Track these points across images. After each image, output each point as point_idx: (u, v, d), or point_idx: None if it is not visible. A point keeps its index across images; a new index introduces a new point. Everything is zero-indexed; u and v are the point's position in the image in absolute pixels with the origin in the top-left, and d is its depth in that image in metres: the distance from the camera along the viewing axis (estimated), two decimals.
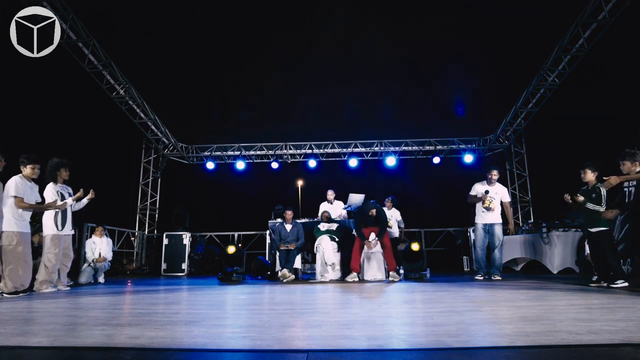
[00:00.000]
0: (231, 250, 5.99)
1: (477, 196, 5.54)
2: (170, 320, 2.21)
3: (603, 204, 3.97)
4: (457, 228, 9.33)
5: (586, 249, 5.13)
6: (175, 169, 11.02)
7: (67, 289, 4.71)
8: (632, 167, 3.83)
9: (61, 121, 9.67)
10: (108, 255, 6.35)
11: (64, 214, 4.63)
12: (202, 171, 10.82)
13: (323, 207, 6.95)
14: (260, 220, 8.13)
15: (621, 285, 3.73)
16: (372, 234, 5.50)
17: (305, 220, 6.62)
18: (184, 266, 8.15)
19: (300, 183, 18.64)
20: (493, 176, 5.52)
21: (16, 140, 7.50)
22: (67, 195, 4.71)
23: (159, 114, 9.28)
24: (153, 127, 9.65)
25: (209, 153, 10.75)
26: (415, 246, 5.58)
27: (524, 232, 7.35)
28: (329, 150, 10.59)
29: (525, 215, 10.17)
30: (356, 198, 6.39)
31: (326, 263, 5.61)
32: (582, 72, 7.42)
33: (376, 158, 10.71)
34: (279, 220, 6.59)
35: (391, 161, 10.24)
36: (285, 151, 10.59)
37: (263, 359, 1.44)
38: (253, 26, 6.31)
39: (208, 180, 11.39)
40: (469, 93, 8.60)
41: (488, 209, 5.47)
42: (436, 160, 10.31)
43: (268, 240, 7.26)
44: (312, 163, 10.46)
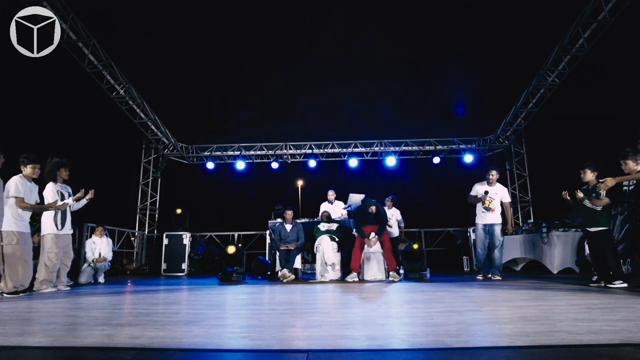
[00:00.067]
0: (231, 250, 5.99)
1: (477, 197, 5.56)
2: (170, 320, 2.21)
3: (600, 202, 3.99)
4: (457, 228, 9.33)
5: (586, 249, 5.13)
6: (175, 169, 11.02)
7: (67, 289, 4.71)
8: (635, 166, 3.77)
9: (61, 121, 9.67)
10: (108, 255, 6.35)
11: (64, 214, 4.64)
12: (202, 171, 10.83)
13: (324, 207, 6.95)
14: (260, 220, 8.14)
15: (619, 285, 3.72)
16: (373, 233, 5.50)
17: (305, 220, 6.62)
18: (184, 266, 8.15)
19: (300, 183, 18.64)
20: (492, 177, 5.53)
21: (16, 140, 7.49)
22: (67, 195, 4.71)
23: (159, 114, 9.28)
24: (153, 127, 9.65)
25: (209, 153, 10.75)
26: (415, 246, 5.59)
27: (524, 232, 7.35)
28: (329, 150, 10.59)
29: (525, 215, 10.17)
30: (356, 198, 6.38)
31: (326, 263, 5.62)
32: (582, 72, 7.41)
33: (376, 158, 10.70)
34: (279, 220, 6.59)
35: (391, 161, 10.23)
36: (285, 151, 10.59)
37: (263, 359, 1.44)
38: (253, 26, 6.31)
39: (208, 180, 11.40)
40: (469, 93, 8.60)
41: (488, 210, 5.47)
42: (436, 160, 10.31)
43: (268, 240, 7.26)
44: (312, 163, 10.46)
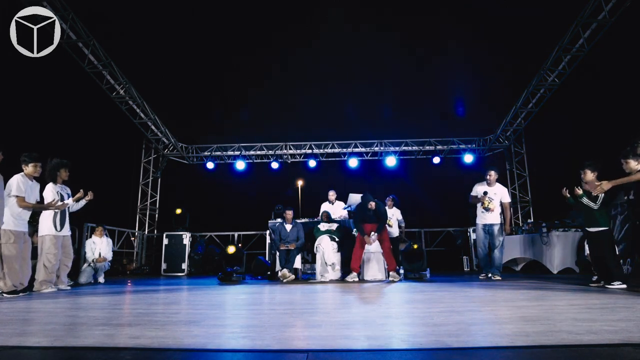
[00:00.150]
0: (231, 250, 5.99)
1: (477, 197, 5.58)
2: (170, 320, 2.21)
3: (598, 202, 4.01)
4: (457, 228, 9.33)
5: (586, 249, 5.13)
6: (175, 169, 11.01)
7: (68, 289, 4.71)
8: (636, 166, 3.70)
9: (61, 121, 9.66)
10: (108, 255, 6.35)
11: (63, 215, 4.63)
12: (202, 171, 10.83)
13: (324, 207, 6.96)
14: (260, 220, 8.14)
15: (618, 286, 3.72)
16: (373, 232, 5.48)
17: (305, 220, 6.62)
18: (184, 266, 8.15)
19: (300, 183, 18.64)
20: (490, 177, 5.55)
21: (16, 139, 7.48)
22: (66, 195, 4.71)
23: (159, 114, 9.28)
24: (153, 127, 9.65)
25: (209, 153, 10.75)
26: (415, 246, 5.59)
27: (524, 232, 7.35)
28: (329, 150, 10.59)
29: (525, 215, 10.16)
30: (356, 198, 6.39)
31: (326, 263, 5.62)
32: (582, 72, 7.41)
33: (376, 158, 10.70)
34: (279, 220, 6.59)
35: (391, 161, 10.23)
36: (285, 151, 10.58)
37: (263, 359, 1.44)
38: (253, 26, 6.31)
39: (208, 180, 11.39)
40: (469, 93, 8.61)
41: (487, 210, 5.49)
42: (436, 160, 10.30)
43: (268, 240, 7.26)
44: (312, 163, 10.46)
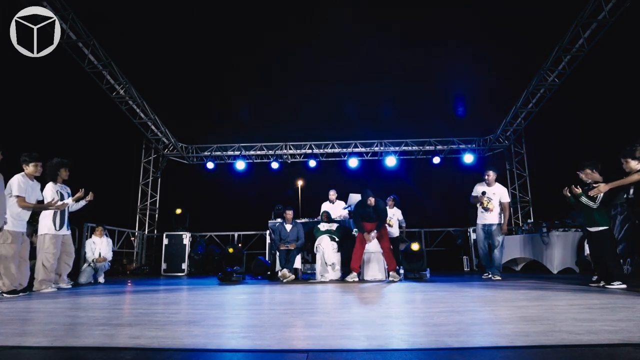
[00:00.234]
0: (231, 250, 5.99)
1: (477, 197, 5.59)
2: (170, 320, 2.21)
3: (597, 202, 4.00)
4: (457, 228, 9.33)
5: (586, 249, 5.13)
6: (175, 169, 11.01)
7: (69, 287, 4.71)
8: (636, 165, 3.69)
9: (61, 121, 9.66)
10: (108, 255, 6.35)
11: (62, 214, 4.64)
12: (202, 171, 10.83)
13: (325, 207, 6.96)
14: (260, 220, 8.13)
15: (618, 286, 3.72)
16: (374, 231, 5.46)
17: (305, 220, 6.62)
18: (184, 266, 8.15)
19: (300, 183, 18.63)
20: (488, 177, 5.57)
21: (16, 139, 7.48)
22: (67, 195, 4.72)
23: (159, 114, 9.28)
24: (153, 127, 9.65)
25: (209, 153, 10.75)
26: (415, 246, 5.59)
27: (524, 232, 7.35)
28: (329, 150, 10.59)
29: (525, 215, 10.16)
30: (356, 198, 6.39)
31: (326, 263, 5.62)
32: (582, 72, 7.41)
33: (376, 158, 10.70)
34: (279, 220, 6.59)
35: (391, 161, 10.23)
36: (285, 151, 10.58)
37: (263, 359, 1.44)
38: (253, 26, 6.31)
39: (208, 180, 11.40)
40: (469, 93, 8.60)
41: (486, 210, 5.51)
42: (436, 160, 10.30)
43: (268, 240, 7.26)
44: (312, 163, 10.45)
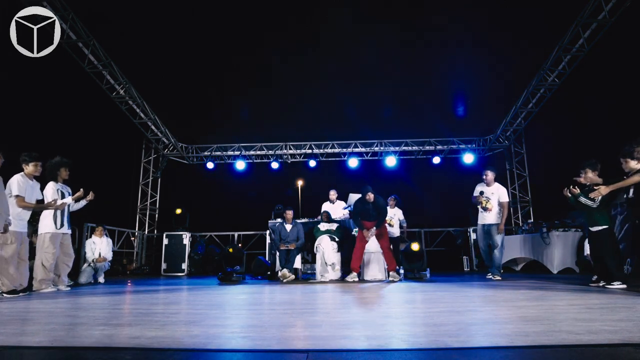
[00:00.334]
0: (231, 250, 5.99)
1: (476, 197, 5.61)
2: (170, 320, 2.21)
3: (596, 201, 4.01)
4: (457, 228, 9.33)
5: (586, 249, 5.13)
6: (175, 169, 11.02)
7: (68, 289, 4.71)
8: (636, 165, 3.65)
9: (61, 121, 9.65)
10: (108, 255, 6.36)
11: (62, 213, 4.63)
12: (202, 171, 10.83)
13: (325, 207, 6.96)
14: (260, 220, 8.13)
15: (618, 286, 3.71)
16: (374, 229, 5.45)
17: (305, 220, 6.62)
18: (184, 266, 8.15)
19: (300, 183, 18.62)
20: (486, 177, 5.59)
21: (16, 139, 7.48)
22: (67, 194, 4.71)
23: (159, 114, 9.28)
24: (153, 127, 9.65)
25: (209, 153, 10.75)
26: (415, 246, 5.59)
27: (524, 232, 7.35)
28: (329, 150, 10.59)
29: (525, 215, 10.16)
30: (356, 198, 6.39)
31: (326, 263, 5.62)
32: (582, 72, 7.41)
33: (376, 158, 10.70)
34: (279, 220, 6.59)
35: (391, 161, 10.23)
36: (285, 151, 10.58)
37: (263, 359, 1.44)
38: (253, 26, 6.31)
39: (208, 180, 11.39)
40: (469, 93, 8.60)
41: (485, 209, 5.52)
42: (436, 160, 10.31)
43: (268, 240, 7.26)
44: (312, 163, 10.45)
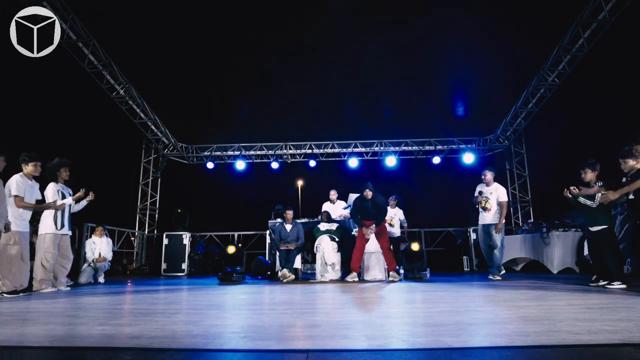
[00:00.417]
0: (231, 250, 5.99)
1: (476, 197, 5.62)
2: (170, 320, 2.21)
3: (596, 201, 4.01)
4: (457, 228, 9.32)
5: (585, 249, 5.12)
6: (175, 169, 11.01)
7: (68, 289, 4.71)
8: (636, 165, 3.68)
9: (61, 121, 9.66)
10: (108, 255, 6.36)
11: (63, 214, 4.63)
12: (202, 171, 10.82)
13: (325, 207, 6.96)
14: (260, 220, 8.14)
15: (618, 286, 3.71)
16: (373, 226, 5.43)
17: (305, 220, 6.62)
18: (184, 266, 8.15)
19: (300, 183, 18.62)
20: (484, 177, 5.60)
21: (16, 139, 7.48)
22: (68, 194, 4.71)
23: (159, 114, 9.28)
24: (153, 127, 9.65)
25: (209, 153, 10.75)
26: (415, 246, 5.58)
27: (524, 232, 7.35)
28: (329, 150, 10.59)
29: (525, 215, 10.16)
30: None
31: (326, 263, 5.62)
32: (582, 72, 7.41)
33: (376, 158, 10.70)
34: (279, 220, 6.59)
35: (391, 161, 10.22)
36: (285, 151, 10.58)
37: (263, 359, 1.44)
38: (253, 26, 6.31)
39: (208, 180, 11.39)
40: (469, 93, 8.60)
41: (484, 209, 5.52)
42: (436, 160, 10.30)
43: (268, 240, 7.26)
44: (312, 163, 10.45)
